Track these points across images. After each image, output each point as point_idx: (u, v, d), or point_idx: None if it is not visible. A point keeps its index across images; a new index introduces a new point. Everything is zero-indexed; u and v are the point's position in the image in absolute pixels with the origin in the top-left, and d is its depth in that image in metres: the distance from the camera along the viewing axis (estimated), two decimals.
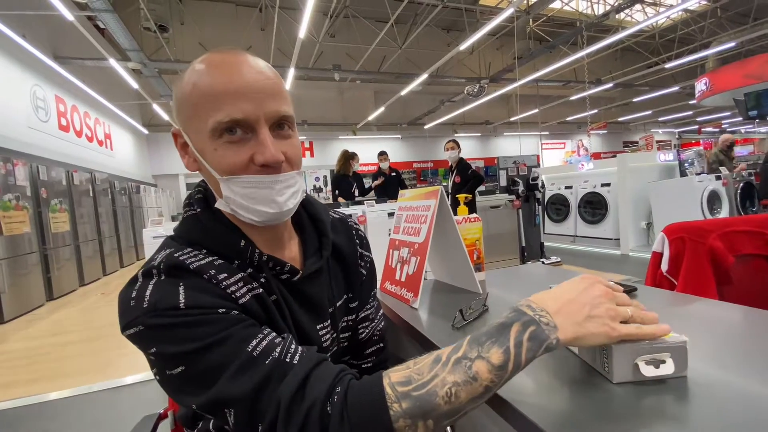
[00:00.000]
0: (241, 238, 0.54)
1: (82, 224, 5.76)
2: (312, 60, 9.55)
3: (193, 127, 0.51)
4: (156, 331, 0.44)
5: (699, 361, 0.55)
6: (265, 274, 0.55)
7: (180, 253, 0.50)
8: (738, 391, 0.48)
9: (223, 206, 0.53)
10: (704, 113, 16.48)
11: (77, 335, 3.38)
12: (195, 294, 0.46)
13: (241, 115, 0.48)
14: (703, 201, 4.21)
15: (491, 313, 0.85)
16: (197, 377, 0.44)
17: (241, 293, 0.50)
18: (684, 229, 1.14)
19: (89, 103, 7.70)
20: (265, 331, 0.48)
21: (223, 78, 0.48)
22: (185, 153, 0.55)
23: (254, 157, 0.49)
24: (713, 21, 10.88)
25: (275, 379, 0.43)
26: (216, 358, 0.44)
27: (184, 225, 0.56)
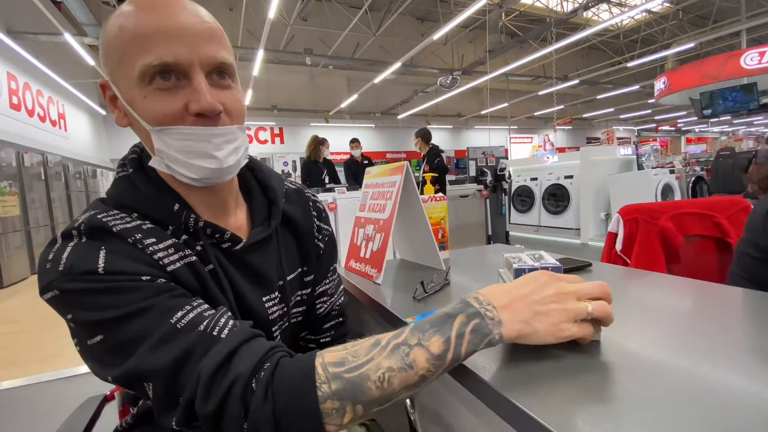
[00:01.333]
0: (175, 201, 0.50)
1: (34, 209, 5.40)
2: (283, 43, 9.29)
3: (121, 75, 0.46)
4: (72, 296, 0.41)
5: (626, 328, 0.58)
6: (201, 241, 0.51)
7: (105, 215, 0.46)
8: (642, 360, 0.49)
9: (158, 164, 0.48)
10: (662, 112, 17.38)
11: (29, 324, 3.19)
12: (116, 258, 0.42)
13: (173, 58, 0.43)
14: (657, 193, 4.46)
15: (452, 286, 0.86)
16: (116, 348, 0.41)
17: (170, 260, 0.47)
18: (638, 210, 1.19)
19: (42, 81, 7.17)
20: (194, 302, 0.45)
21: (153, 18, 0.44)
22: (114, 106, 0.50)
23: (189, 106, 0.45)
24: (675, 23, 11.42)
25: (198, 353, 0.41)
26: (136, 328, 0.41)
27: (114, 187, 0.51)
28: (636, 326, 0.61)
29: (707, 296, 0.75)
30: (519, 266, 0.62)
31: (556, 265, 0.62)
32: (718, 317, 0.64)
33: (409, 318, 0.68)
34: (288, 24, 8.73)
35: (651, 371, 0.46)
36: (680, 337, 0.56)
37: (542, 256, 0.69)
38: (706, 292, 0.77)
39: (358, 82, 11.59)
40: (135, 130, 0.50)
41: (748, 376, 0.43)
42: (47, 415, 1.80)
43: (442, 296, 0.81)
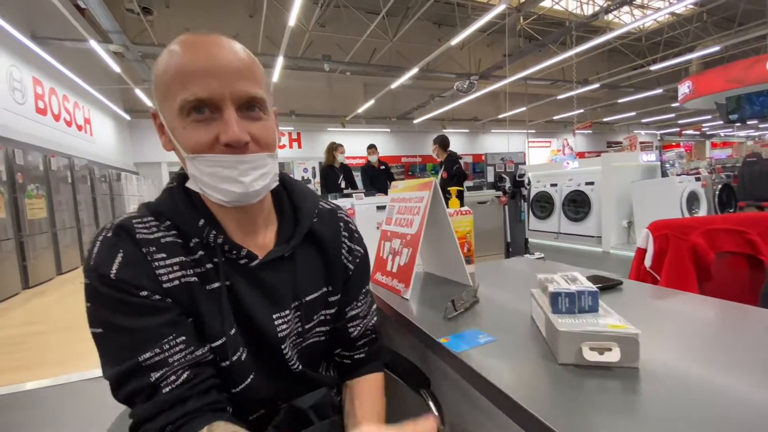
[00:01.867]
0: (201, 217, 0.55)
1: (60, 211, 5.57)
2: (301, 49, 9.41)
3: (166, 107, 0.52)
4: (90, 290, 0.49)
5: (663, 353, 0.57)
6: (216, 258, 0.55)
7: (138, 220, 0.53)
8: (691, 386, 0.48)
9: (193, 186, 0.55)
10: (686, 116, 16.91)
11: (54, 324, 3.29)
12: (126, 267, 0.49)
13: (206, 94, 0.49)
14: (682, 201, 4.33)
15: (482, 304, 0.86)
16: (108, 346, 0.50)
17: (168, 278, 0.52)
18: (668, 226, 1.17)
19: (68, 86, 7.42)
20: (170, 341, 0.50)
21: (192, 58, 0.49)
22: (162, 133, 0.56)
23: (219, 137, 0.50)
24: (699, 25, 11.13)
25: (141, 397, 0.49)
26: (120, 342, 0.49)
27: (161, 195, 0.59)
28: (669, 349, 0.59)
29: (741, 319, 0.73)
30: (555, 290, 0.61)
31: (592, 289, 0.62)
32: (752, 342, 0.62)
33: (442, 339, 0.68)
34: (307, 30, 8.84)
35: (683, 393, 0.45)
36: (712, 361, 0.55)
37: (576, 278, 0.68)
38: (740, 315, 0.74)
39: (375, 87, 11.64)
40: (176, 154, 0.55)
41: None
42: (74, 417, 1.85)
43: (472, 315, 0.81)
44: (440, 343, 0.67)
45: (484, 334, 0.70)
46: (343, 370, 0.71)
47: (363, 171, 5.33)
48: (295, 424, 0.60)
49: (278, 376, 0.60)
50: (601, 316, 0.58)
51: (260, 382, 0.58)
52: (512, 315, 0.79)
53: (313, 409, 0.61)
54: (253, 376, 0.58)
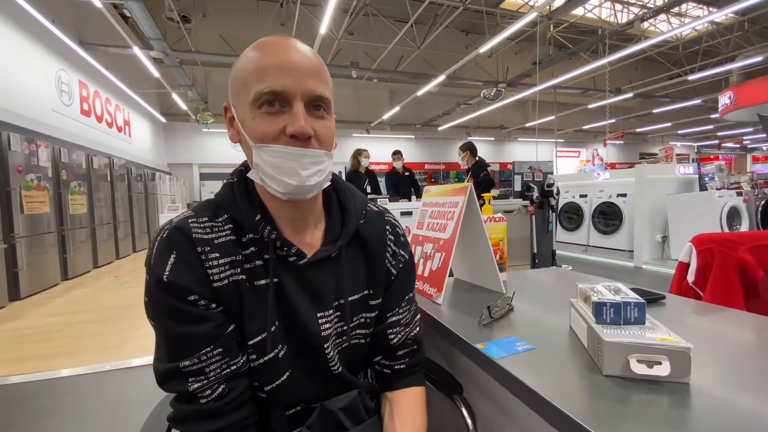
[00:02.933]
0: (258, 212, 0.57)
1: (99, 208, 5.86)
2: (330, 56, 9.58)
3: (240, 100, 0.55)
4: (148, 287, 0.53)
5: (713, 371, 0.54)
6: (267, 254, 0.57)
7: (194, 221, 0.56)
8: (740, 409, 0.46)
9: (254, 175, 0.56)
10: (725, 128, 16.14)
11: (90, 315, 3.44)
12: (178, 270, 0.52)
13: (281, 87, 0.52)
14: (722, 216, 4.13)
15: (516, 312, 0.85)
16: (158, 339, 0.55)
17: (219, 276, 0.55)
18: (713, 241, 1.12)
19: (111, 90, 7.82)
20: (209, 351, 0.53)
21: (270, 55, 0.53)
22: (231, 126, 0.58)
23: (286, 128, 0.53)
24: (740, 34, 10.66)
25: (181, 399, 0.54)
26: (166, 341, 0.54)
27: (221, 190, 0.61)
28: (719, 366, 0.57)
29: None
30: (600, 300, 0.60)
31: (639, 300, 0.60)
32: None
33: (479, 344, 0.68)
34: (336, 38, 9.00)
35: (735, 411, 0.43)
36: (764, 380, 0.52)
37: (620, 288, 0.66)
38: None
39: (401, 94, 11.70)
40: (243, 146, 0.58)
41: None
42: (106, 404, 1.92)
43: (507, 323, 0.79)
44: (477, 349, 0.66)
45: (522, 342, 0.68)
46: (383, 380, 0.70)
47: (387, 177, 5.35)
48: (327, 425, 0.61)
49: (317, 376, 0.61)
50: (648, 329, 0.56)
51: (296, 381, 0.59)
52: (549, 324, 0.78)
53: (343, 411, 0.61)
54: (289, 374, 0.59)
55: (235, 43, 9.21)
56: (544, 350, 0.65)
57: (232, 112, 0.57)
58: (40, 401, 1.96)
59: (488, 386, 0.77)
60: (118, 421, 1.74)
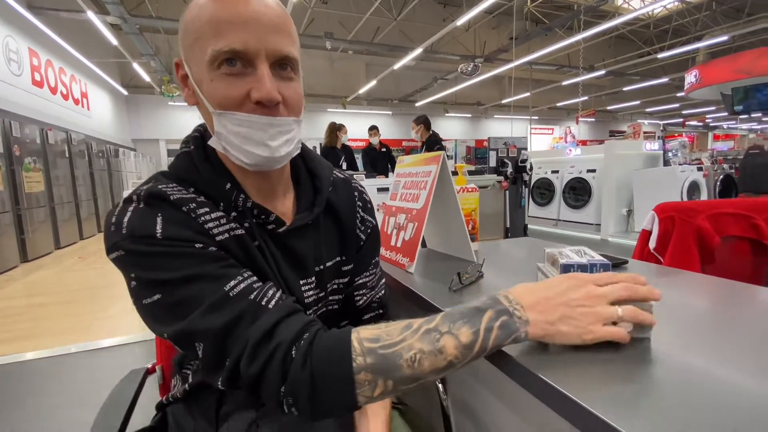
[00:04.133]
0: (228, 181, 0.52)
1: (58, 186, 5.54)
2: (302, 26, 9.21)
3: (193, 57, 0.49)
4: (135, 257, 0.45)
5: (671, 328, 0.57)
6: (248, 221, 0.53)
7: (163, 185, 0.49)
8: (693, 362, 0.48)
9: (215, 144, 0.51)
10: (690, 107, 16.76)
11: (53, 297, 3.31)
12: (171, 225, 0.46)
13: (241, 46, 0.46)
14: (683, 190, 4.33)
15: (486, 279, 0.86)
16: (172, 307, 0.45)
17: (219, 230, 0.49)
18: (674, 209, 1.16)
19: (65, 59, 7.27)
20: (245, 273, 0.48)
21: (228, 6, 0.46)
22: (185, 85, 0.53)
23: (250, 93, 0.47)
24: (708, 14, 10.91)
25: (247, 319, 0.44)
26: (191, 292, 0.44)
27: (176, 161, 0.55)
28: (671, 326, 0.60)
29: (744, 297, 0.73)
30: (566, 262, 0.61)
31: (604, 262, 0.61)
32: (754, 319, 0.63)
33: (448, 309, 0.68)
34: (309, 7, 8.63)
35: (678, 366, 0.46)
36: (712, 338, 0.55)
37: (586, 252, 0.67)
38: (743, 294, 0.74)
39: (377, 67, 11.45)
40: (200, 110, 0.52)
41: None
42: (73, 387, 1.87)
43: (477, 289, 0.80)
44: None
45: None
46: None
47: (364, 153, 5.28)
48: None
49: None
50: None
51: None
52: None
53: None
54: None
55: None
56: None
57: (185, 69, 0.51)
58: (5, 385, 1.89)
59: None
60: (86, 403, 1.70)
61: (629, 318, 0.47)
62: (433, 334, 0.44)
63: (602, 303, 0.47)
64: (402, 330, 0.44)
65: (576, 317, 0.46)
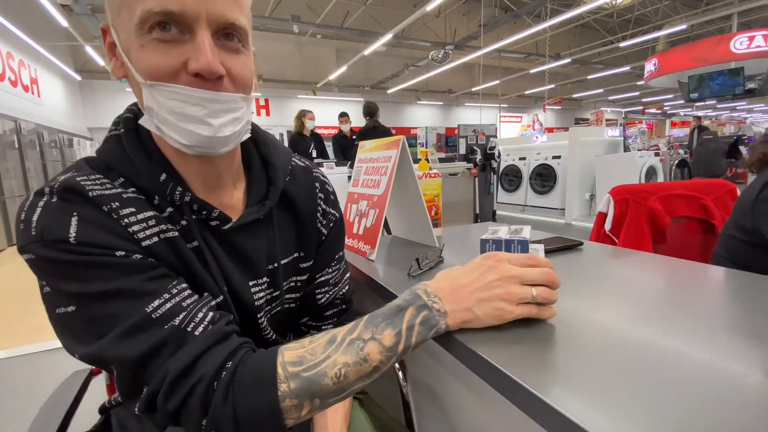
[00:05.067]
0: (163, 170, 0.46)
1: (8, 179, 5.19)
2: (269, 9, 8.89)
3: (121, 20, 0.42)
4: (45, 264, 0.39)
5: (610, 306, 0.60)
6: (186, 217, 0.47)
7: (84, 178, 0.42)
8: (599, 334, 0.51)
9: (147, 123, 0.44)
10: (650, 94, 17.47)
11: (6, 298, 3.11)
12: (88, 228, 0.39)
13: (177, 7, 0.39)
14: (641, 174, 4.53)
15: (446, 263, 0.86)
16: (87, 323, 0.40)
17: (145, 234, 0.43)
18: (628, 191, 1.20)
19: (11, 42, 6.71)
20: (175, 288, 0.43)
21: None
22: (113, 55, 0.45)
23: (188, 63, 0.41)
24: (668, 3, 11.32)
25: (168, 348, 0.40)
26: (108, 310, 0.39)
27: (103, 146, 0.47)
28: (618, 302, 0.62)
29: (690, 275, 0.77)
30: (484, 237, 0.62)
31: (522, 239, 0.61)
32: (699, 295, 0.66)
33: None
34: None
35: (624, 341, 0.48)
36: (659, 313, 0.58)
37: (521, 230, 0.68)
38: (690, 271, 0.78)
39: (347, 53, 11.24)
40: (130, 82, 0.45)
41: (720, 352, 0.45)
42: (29, 389, 1.78)
43: (436, 273, 0.80)
44: None
45: None
46: None
47: (334, 140, 5.21)
48: None
49: None
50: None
51: None
52: None
53: None
54: None
55: None
56: None
57: (113, 35, 0.43)
58: None
59: None
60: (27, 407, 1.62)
61: (542, 299, 0.48)
62: (357, 343, 0.43)
63: (516, 282, 0.48)
64: (326, 346, 0.44)
65: (490, 300, 0.47)
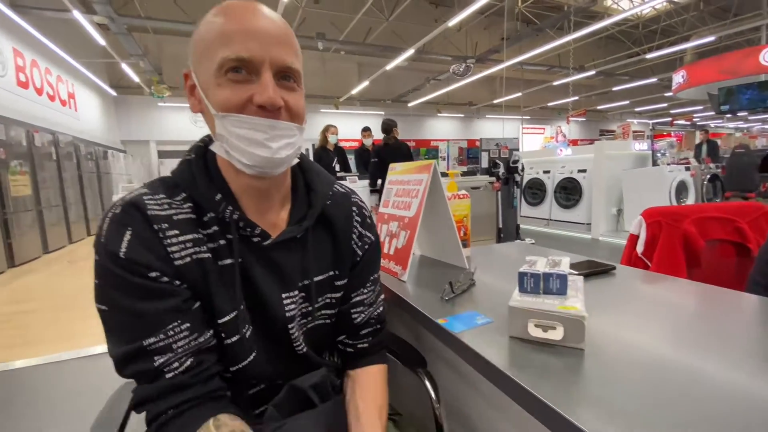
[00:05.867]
0: (218, 191, 0.55)
1: (45, 189, 5.44)
2: (294, 26, 9.15)
3: (202, 67, 0.52)
4: (100, 267, 0.50)
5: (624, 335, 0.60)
6: (230, 234, 0.55)
7: (149, 197, 0.52)
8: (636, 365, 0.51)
9: (218, 148, 0.54)
10: (678, 106, 17.00)
11: (42, 303, 3.26)
12: (136, 246, 0.49)
13: (247, 54, 0.49)
14: (671, 190, 4.40)
15: (478, 286, 0.87)
16: (111, 324, 0.50)
17: (180, 255, 0.52)
18: (661, 214, 1.18)
19: (51, 59, 7.14)
20: (171, 331, 0.50)
21: (236, 19, 0.50)
22: (191, 94, 0.56)
23: (253, 97, 0.50)
24: (695, 14, 11.07)
25: (144, 378, 0.50)
26: (125, 326, 0.50)
27: (177, 167, 0.58)
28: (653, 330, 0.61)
29: (726, 304, 0.75)
30: (522, 270, 0.64)
31: (562, 273, 0.62)
32: (735, 324, 0.65)
33: (441, 320, 0.69)
34: (300, 6, 8.59)
35: (659, 370, 0.48)
36: (692, 341, 0.58)
37: (558, 262, 0.68)
38: (725, 300, 0.77)
39: (370, 68, 11.43)
40: (205, 117, 0.55)
41: (749, 378, 0.45)
42: (65, 395, 1.85)
43: (469, 297, 0.81)
44: (438, 324, 0.68)
45: (482, 315, 0.70)
46: (346, 359, 0.71)
47: (357, 154, 5.28)
48: (295, 403, 0.61)
49: (281, 357, 0.61)
50: (565, 298, 0.60)
51: (262, 361, 0.59)
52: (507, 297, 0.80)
53: (313, 388, 0.61)
54: (255, 355, 0.58)
55: (189, 8, 8.59)
56: (500, 323, 0.67)
57: (193, 79, 0.54)
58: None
59: (451, 359, 0.79)
60: (76, 411, 1.68)
61: None
62: None
63: None
64: None
65: None
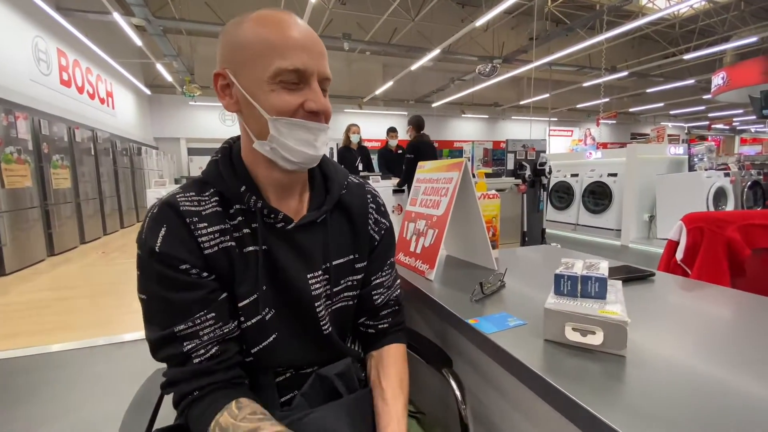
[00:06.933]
0: (243, 184, 0.61)
1: (83, 182, 5.71)
2: (321, 27, 9.27)
3: (247, 71, 0.56)
4: (140, 261, 0.57)
5: (668, 345, 0.57)
6: (256, 222, 0.61)
7: (181, 195, 0.59)
8: (680, 376, 0.48)
9: (260, 147, 0.59)
10: (716, 109, 16.21)
11: (79, 291, 3.41)
12: (170, 240, 0.56)
13: (303, 66, 0.55)
14: (709, 197, 4.19)
15: (508, 288, 0.85)
16: (149, 311, 0.57)
17: (209, 244, 0.58)
18: (703, 219, 1.12)
19: (91, 59, 7.49)
20: (203, 315, 0.56)
21: (291, 32, 0.56)
22: (225, 94, 0.60)
23: (305, 104, 0.57)
24: (736, 14, 10.54)
25: (175, 361, 0.56)
26: (161, 313, 0.56)
27: (206, 167, 0.65)
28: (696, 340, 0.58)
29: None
30: (559, 272, 0.62)
31: (601, 276, 0.59)
32: None
33: (471, 319, 0.68)
34: (327, 8, 8.68)
35: (702, 382, 0.46)
36: (737, 354, 0.54)
37: (596, 265, 0.66)
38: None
39: (394, 68, 11.44)
40: (244, 116, 0.59)
41: None
42: (98, 379, 1.93)
43: (498, 299, 0.80)
44: (469, 324, 0.67)
45: (513, 317, 0.69)
46: (368, 341, 0.74)
47: (380, 154, 5.29)
48: (322, 393, 0.64)
49: (304, 338, 0.64)
50: (604, 302, 0.57)
51: (282, 343, 0.63)
52: (539, 299, 0.78)
53: (339, 377, 0.64)
54: (275, 336, 0.62)
55: (222, 11, 8.83)
56: (536, 324, 0.65)
57: (230, 79, 0.58)
58: (32, 376, 1.95)
59: (478, 360, 0.78)
60: (110, 394, 1.75)
61: None
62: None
63: None
64: None
65: None
